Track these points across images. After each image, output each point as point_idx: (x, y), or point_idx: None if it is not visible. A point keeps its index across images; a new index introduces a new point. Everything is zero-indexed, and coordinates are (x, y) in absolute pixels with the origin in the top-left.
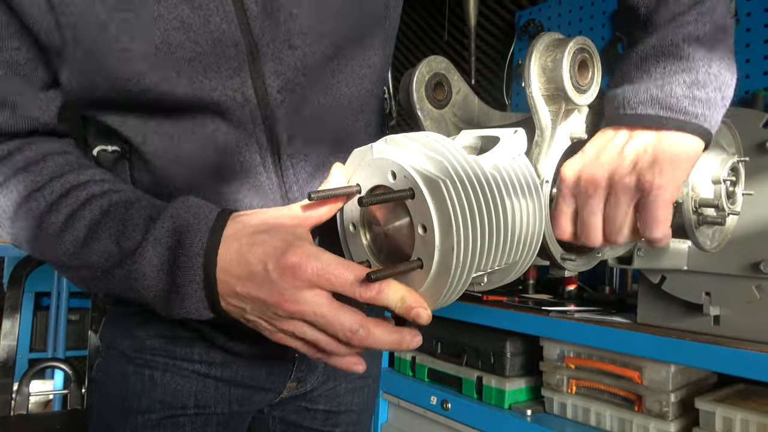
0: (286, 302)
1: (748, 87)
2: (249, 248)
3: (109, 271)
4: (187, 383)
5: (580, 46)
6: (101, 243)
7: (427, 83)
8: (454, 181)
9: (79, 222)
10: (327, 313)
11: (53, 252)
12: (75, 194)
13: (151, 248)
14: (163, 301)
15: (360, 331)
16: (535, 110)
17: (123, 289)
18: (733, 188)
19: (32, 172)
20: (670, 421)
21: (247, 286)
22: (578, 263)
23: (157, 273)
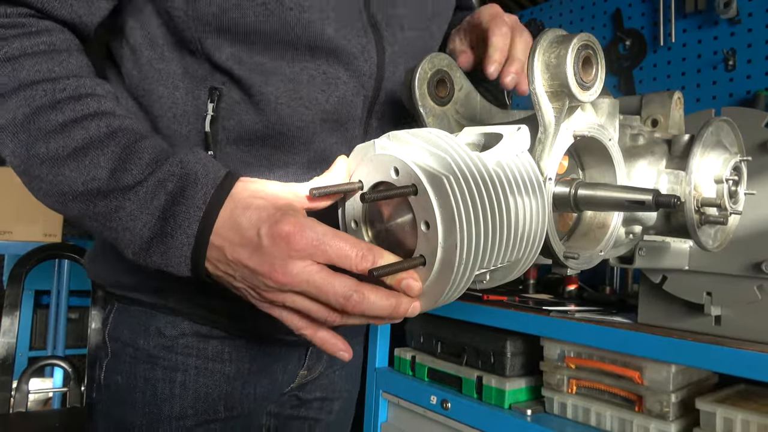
0: (276, 273)
1: (750, 87)
2: (242, 211)
3: (86, 197)
4: (218, 387)
5: (584, 43)
6: (92, 164)
7: (429, 80)
8: (458, 178)
9: (78, 131)
10: (319, 280)
11: (26, 148)
12: (86, 101)
13: (151, 189)
14: (140, 246)
15: (354, 296)
16: (539, 107)
17: (95, 220)
18: (735, 188)
19: (52, 59)
20: (670, 421)
21: (238, 253)
22: (580, 262)
23: (148, 216)
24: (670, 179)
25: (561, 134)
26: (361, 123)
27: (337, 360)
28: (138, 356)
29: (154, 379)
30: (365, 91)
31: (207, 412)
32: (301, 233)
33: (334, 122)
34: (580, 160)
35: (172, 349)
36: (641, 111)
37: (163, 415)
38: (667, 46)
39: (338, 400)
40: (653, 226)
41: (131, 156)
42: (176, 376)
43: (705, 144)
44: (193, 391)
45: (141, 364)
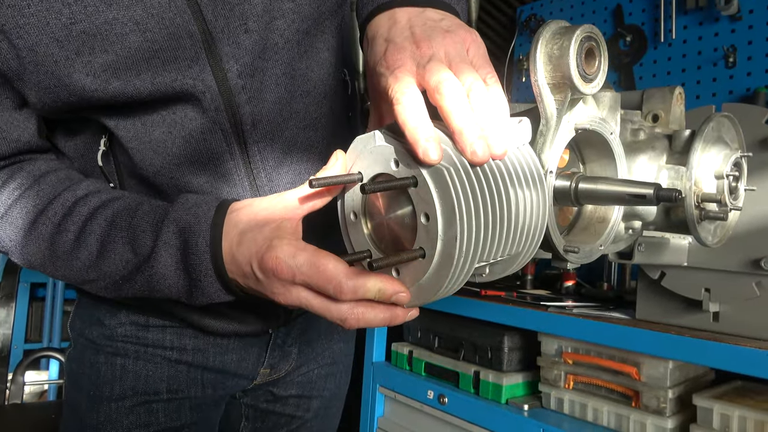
0: (277, 297)
1: (750, 84)
2: (237, 247)
3: (130, 277)
4: (159, 369)
5: (587, 34)
6: (117, 253)
7: None
8: (458, 170)
9: (90, 237)
10: (316, 306)
11: (70, 269)
12: (78, 211)
13: (164, 251)
14: (187, 295)
15: (350, 319)
16: (541, 99)
17: (146, 290)
18: (735, 183)
19: (30, 197)
20: (667, 417)
21: (246, 281)
22: (580, 256)
23: (174, 272)
24: (670, 174)
25: (562, 127)
26: (233, 156)
27: (311, 358)
28: (86, 345)
29: (98, 364)
30: (220, 125)
31: (147, 392)
32: (282, 266)
33: (193, 163)
34: (580, 153)
35: (112, 338)
36: (642, 106)
37: (104, 396)
38: (667, 43)
39: (317, 399)
40: (653, 221)
41: (136, 232)
42: (116, 360)
43: (706, 139)
44: (133, 374)
45: (88, 351)
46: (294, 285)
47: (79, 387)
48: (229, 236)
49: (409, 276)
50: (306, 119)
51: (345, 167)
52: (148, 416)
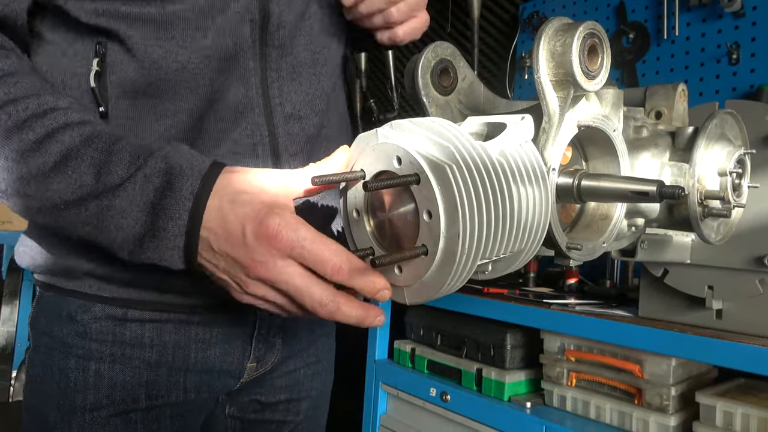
0: (257, 267)
1: (753, 81)
2: (230, 207)
3: (79, 203)
4: (137, 374)
5: (590, 31)
6: (77, 172)
7: (432, 69)
8: (461, 167)
9: (54, 146)
10: (298, 283)
11: (8, 172)
12: (53, 116)
13: (139, 185)
14: (134, 243)
15: (330, 305)
16: (543, 96)
17: (91, 224)
18: (739, 180)
19: (5, 83)
20: (670, 414)
21: (223, 245)
22: (583, 253)
23: (138, 212)
24: (673, 171)
25: (565, 124)
26: (255, 54)
27: (296, 349)
28: (53, 345)
29: (68, 369)
30: (251, 14)
31: (125, 401)
32: (284, 233)
33: (220, 59)
34: (583, 151)
35: (85, 336)
36: (645, 103)
37: (77, 407)
38: (670, 40)
39: (305, 400)
40: (656, 218)
41: (112, 157)
42: (90, 365)
43: (709, 136)
44: (108, 380)
45: (56, 353)
46: (285, 258)
47: (45, 395)
48: (221, 192)
49: (411, 273)
50: (318, 47)
51: (347, 162)
52: (126, 427)
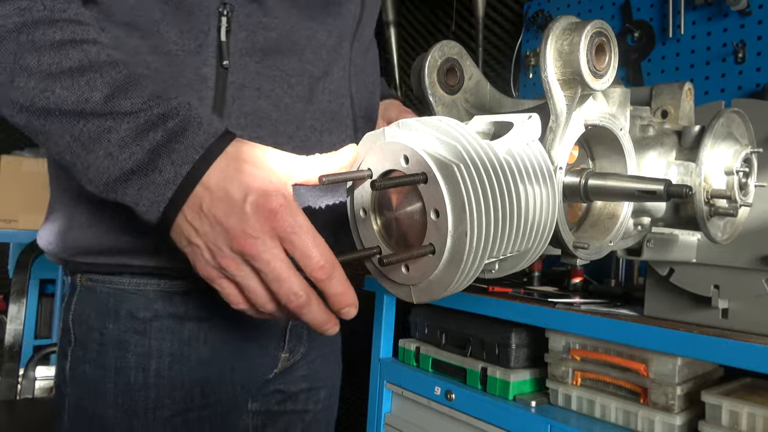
0: (245, 240)
1: (759, 80)
2: (235, 173)
3: (73, 117)
4: (194, 373)
5: (597, 30)
6: (88, 84)
7: (439, 68)
8: (468, 166)
9: (75, 52)
10: (280, 268)
11: (13, 57)
12: (87, 29)
13: (152, 120)
14: (117, 176)
15: (302, 299)
16: (550, 95)
17: (77, 140)
18: (745, 179)
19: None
20: (675, 414)
21: (216, 207)
22: (590, 252)
23: (137, 147)
24: (680, 171)
25: (572, 123)
26: (350, 41)
27: (316, 342)
28: (106, 342)
29: (126, 368)
30: (356, 5)
31: (184, 400)
32: (285, 214)
33: (338, 37)
34: (590, 150)
35: (145, 333)
36: (651, 102)
37: (138, 407)
38: (676, 38)
39: (323, 389)
40: (662, 218)
41: (133, 85)
42: (150, 363)
43: (716, 135)
44: (169, 380)
45: (111, 351)
46: (275, 238)
47: (98, 394)
48: (229, 157)
49: (419, 272)
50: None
51: (353, 159)
52: (185, 427)
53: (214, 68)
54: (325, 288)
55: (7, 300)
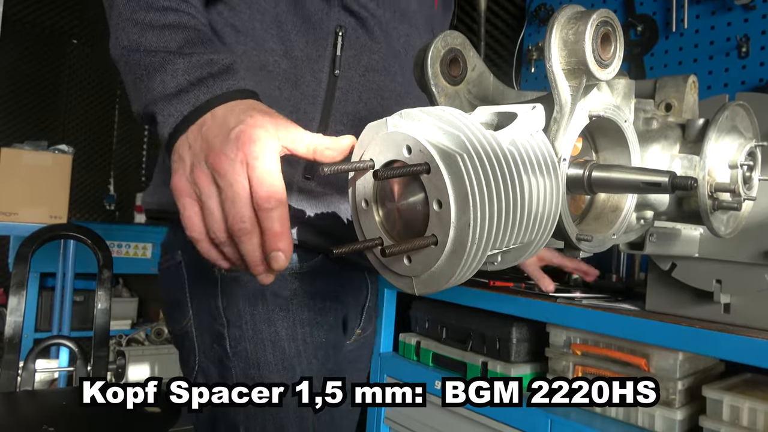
0: (220, 156)
1: (763, 75)
2: (240, 112)
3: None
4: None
5: (603, 19)
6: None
7: (442, 59)
8: (471, 156)
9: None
10: (238, 189)
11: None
12: (189, 6)
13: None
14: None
15: (247, 226)
16: (555, 85)
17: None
18: (749, 173)
19: None
20: (676, 408)
21: (211, 130)
22: (593, 244)
23: (183, 78)
24: (683, 164)
25: (576, 114)
26: None
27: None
28: (258, 321)
29: (280, 340)
30: None
31: (324, 365)
32: (255, 144)
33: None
34: (593, 142)
35: (288, 309)
36: (655, 95)
37: (296, 372)
38: (679, 32)
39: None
40: (665, 211)
41: (200, 42)
42: (296, 333)
43: (720, 128)
44: (312, 344)
45: (264, 328)
46: (243, 164)
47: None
48: (245, 104)
49: (421, 263)
50: None
51: (348, 149)
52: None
53: (327, 74)
54: (264, 220)
55: (7, 293)
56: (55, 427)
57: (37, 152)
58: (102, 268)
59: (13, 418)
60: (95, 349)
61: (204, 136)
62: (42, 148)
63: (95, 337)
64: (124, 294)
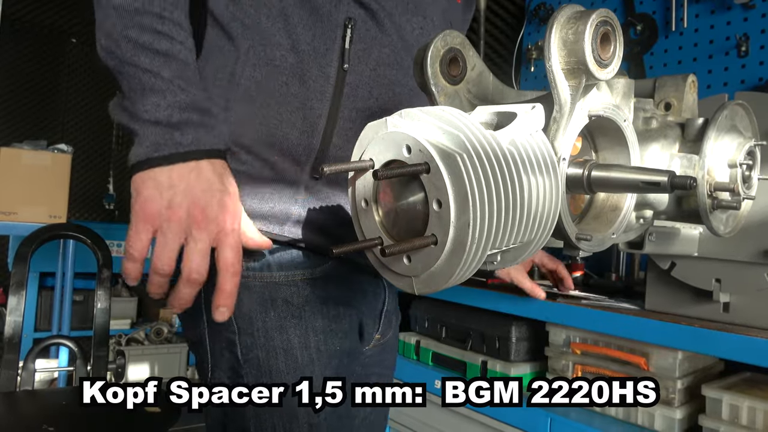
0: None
1: (763, 74)
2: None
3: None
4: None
5: (603, 19)
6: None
7: (441, 58)
8: (471, 156)
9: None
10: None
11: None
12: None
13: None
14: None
15: (200, 279)
16: (554, 84)
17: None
18: (748, 172)
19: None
20: (676, 407)
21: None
22: (593, 244)
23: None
24: (683, 163)
25: (576, 113)
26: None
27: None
28: (269, 329)
29: (292, 348)
30: None
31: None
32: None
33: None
34: (593, 141)
35: (301, 317)
36: (654, 94)
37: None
38: (678, 31)
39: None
40: (664, 211)
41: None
42: (309, 341)
43: (719, 128)
44: (326, 352)
45: (276, 335)
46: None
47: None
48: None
49: (421, 263)
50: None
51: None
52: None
53: (336, 69)
54: (223, 280)
55: (6, 292)
56: (55, 426)
57: (37, 152)
58: (101, 268)
59: (13, 417)
60: (95, 348)
61: (190, 184)
62: (41, 147)
63: (95, 337)
64: (123, 293)
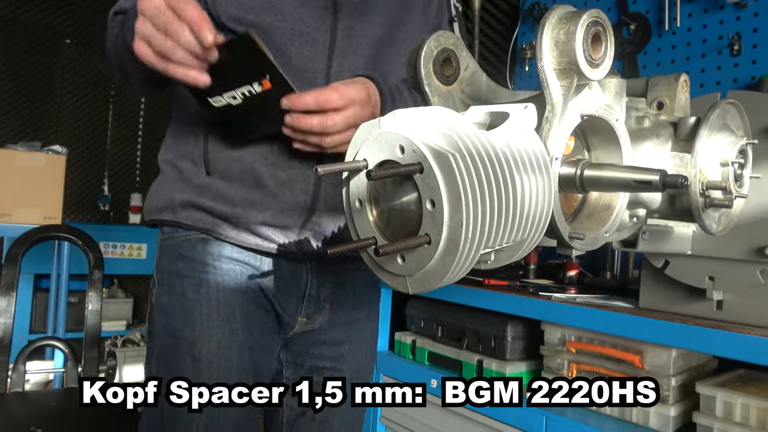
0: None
1: (755, 72)
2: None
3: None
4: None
5: (593, 19)
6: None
7: (435, 59)
8: (464, 156)
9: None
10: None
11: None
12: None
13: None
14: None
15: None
16: (546, 85)
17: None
18: (740, 171)
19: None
20: (670, 405)
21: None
22: (585, 243)
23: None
24: (675, 162)
25: (568, 113)
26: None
27: (343, 327)
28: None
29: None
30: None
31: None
32: None
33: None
34: (585, 141)
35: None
36: (647, 93)
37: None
38: (671, 31)
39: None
40: (657, 209)
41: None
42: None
43: (711, 127)
44: (215, 299)
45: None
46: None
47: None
48: None
49: (414, 262)
50: None
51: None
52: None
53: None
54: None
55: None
56: (43, 428)
57: (31, 153)
58: (93, 269)
59: (2, 419)
60: (86, 350)
61: None
62: (35, 148)
63: (86, 338)
64: (119, 295)
